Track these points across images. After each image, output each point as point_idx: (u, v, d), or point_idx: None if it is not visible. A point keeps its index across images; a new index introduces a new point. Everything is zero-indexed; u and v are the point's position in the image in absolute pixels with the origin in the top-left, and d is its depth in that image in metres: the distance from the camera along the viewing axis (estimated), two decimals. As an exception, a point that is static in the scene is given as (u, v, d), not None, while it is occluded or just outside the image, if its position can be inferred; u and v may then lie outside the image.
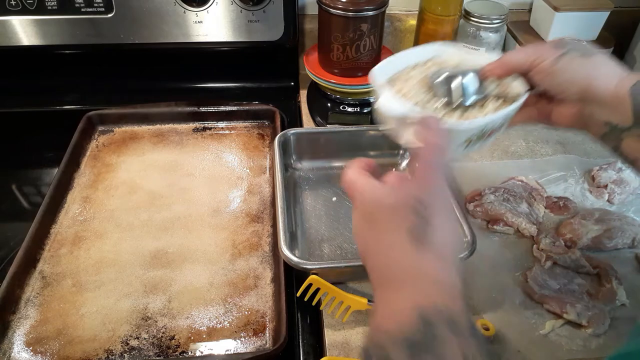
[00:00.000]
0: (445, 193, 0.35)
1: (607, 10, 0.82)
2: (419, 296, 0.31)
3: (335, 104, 0.83)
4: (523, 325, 0.54)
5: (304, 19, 0.90)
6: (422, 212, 0.33)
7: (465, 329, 0.30)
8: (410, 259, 0.32)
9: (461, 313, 0.31)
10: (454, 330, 0.29)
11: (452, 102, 0.46)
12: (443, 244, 0.33)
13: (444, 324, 0.29)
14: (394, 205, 0.34)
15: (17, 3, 0.74)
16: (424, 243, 0.32)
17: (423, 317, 0.30)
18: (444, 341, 0.29)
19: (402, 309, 0.31)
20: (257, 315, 0.55)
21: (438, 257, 0.33)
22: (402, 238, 0.33)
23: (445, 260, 0.33)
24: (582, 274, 0.58)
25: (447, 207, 0.36)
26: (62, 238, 0.63)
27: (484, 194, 0.67)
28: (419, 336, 0.29)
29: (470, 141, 0.46)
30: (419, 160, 0.36)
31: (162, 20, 0.77)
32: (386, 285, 0.33)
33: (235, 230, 0.65)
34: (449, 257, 0.34)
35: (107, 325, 0.54)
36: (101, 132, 0.81)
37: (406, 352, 0.29)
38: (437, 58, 0.53)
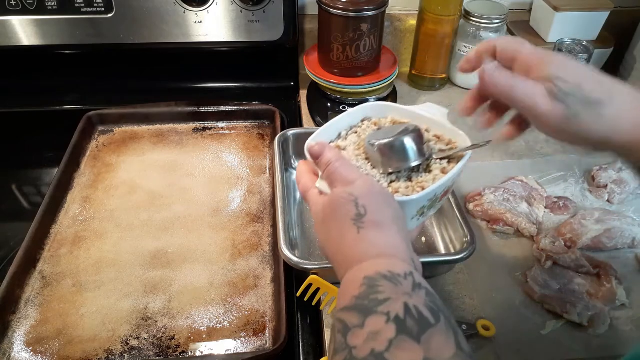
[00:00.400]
0: (363, 179, 0.41)
1: (607, 10, 0.82)
2: (366, 269, 0.35)
3: (335, 104, 0.83)
4: (523, 325, 0.54)
5: (304, 19, 0.90)
6: (358, 202, 0.38)
7: (408, 285, 0.33)
8: (356, 238, 0.37)
9: (403, 274, 0.33)
10: (395, 283, 0.33)
11: (392, 171, 0.45)
12: (382, 219, 0.38)
13: (385, 280, 0.33)
14: (337, 205, 0.39)
15: (17, 3, 0.74)
16: (365, 223, 0.37)
17: (367, 278, 0.33)
18: (384, 292, 0.32)
19: (353, 281, 0.34)
20: (257, 315, 0.55)
21: (379, 229, 0.38)
22: (348, 225, 0.38)
23: (387, 229, 0.38)
24: (582, 274, 0.58)
25: (373, 191, 0.40)
26: (62, 238, 0.63)
27: (484, 194, 0.67)
28: (363, 293, 0.32)
29: (423, 211, 0.45)
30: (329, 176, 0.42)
31: (162, 20, 0.77)
32: (342, 267, 0.37)
33: (235, 230, 0.65)
34: (389, 225, 0.38)
35: (107, 325, 0.54)
36: (101, 132, 0.81)
37: (356, 312, 0.32)
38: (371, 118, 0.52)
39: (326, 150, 0.43)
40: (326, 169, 0.42)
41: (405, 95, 0.90)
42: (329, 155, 0.43)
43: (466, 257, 0.54)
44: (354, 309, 0.32)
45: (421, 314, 0.30)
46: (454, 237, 0.59)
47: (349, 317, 0.32)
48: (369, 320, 0.30)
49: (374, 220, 0.38)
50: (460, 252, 0.54)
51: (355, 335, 0.30)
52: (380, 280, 0.33)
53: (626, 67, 0.92)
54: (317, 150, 0.44)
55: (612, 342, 0.52)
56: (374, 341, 0.29)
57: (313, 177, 0.45)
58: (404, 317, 0.30)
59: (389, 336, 0.29)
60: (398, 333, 0.29)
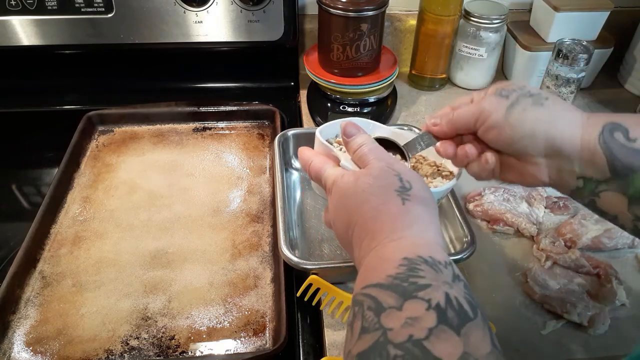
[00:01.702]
0: (404, 165, 0.41)
1: (607, 10, 0.82)
2: (405, 248, 0.34)
3: (335, 104, 0.83)
4: (523, 325, 0.54)
5: (304, 19, 0.90)
6: (402, 177, 0.38)
7: (448, 274, 0.32)
8: (401, 209, 0.36)
9: (444, 262, 0.33)
10: (436, 270, 0.32)
11: None
12: (426, 197, 0.38)
13: (427, 265, 0.32)
14: (379, 175, 0.38)
15: (17, 3, 0.74)
16: (410, 196, 0.37)
17: (407, 260, 0.32)
18: (425, 277, 0.31)
19: (388, 259, 0.33)
20: (257, 315, 0.55)
21: (424, 205, 0.37)
22: (392, 195, 0.37)
23: (430, 207, 0.38)
24: (582, 274, 0.58)
25: (413, 172, 0.40)
26: (62, 238, 0.63)
27: (484, 194, 0.67)
28: (402, 274, 0.31)
29: None
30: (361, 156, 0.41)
31: (162, 20, 0.77)
32: (374, 238, 0.36)
33: (235, 230, 0.65)
34: (432, 206, 0.38)
35: (107, 325, 0.54)
36: (101, 132, 0.81)
37: (393, 292, 0.30)
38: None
39: (360, 132, 0.43)
40: (358, 150, 0.41)
41: (405, 95, 0.90)
42: (363, 137, 0.43)
43: (466, 257, 0.54)
44: (390, 289, 0.31)
45: (461, 306, 0.29)
46: (454, 237, 0.59)
47: (383, 296, 0.31)
48: (408, 304, 0.29)
49: (420, 196, 0.37)
50: (461, 252, 0.54)
51: (390, 317, 0.29)
52: (422, 264, 0.32)
53: (626, 67, 0.92)
54: (351, 130, 0.43)
55: (612, 342, 0.52)
56: (413, 327, 0.28)
57: (326, 158, 0.45)
58: (445, 306, 0.29)
59: (429, 324, 0.28)
60: (438, 322, 0.28)
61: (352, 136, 0.43)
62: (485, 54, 0.86)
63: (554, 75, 0.76)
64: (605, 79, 0.93)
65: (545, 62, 0.79)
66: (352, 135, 0.43)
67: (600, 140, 0.38)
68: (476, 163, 0.44)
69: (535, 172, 0.42)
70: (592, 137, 0.38)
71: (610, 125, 0.38)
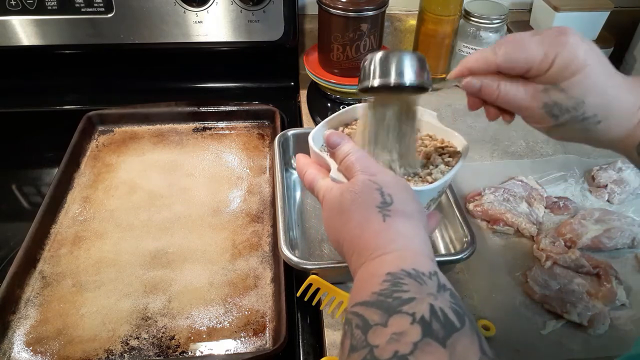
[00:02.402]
0: (385, 171, 0.40)
1: (607, 10, 0.82)
2: (389, 263, 0.34)
3: (335, 104, 0.83)
4: (523, 325, 0.54)
5: (304, 19, 0.90)
6: (384, 191, 0.37)
7: (433, 285, 0.32)
8: (381, 226, 0.36)
9: (428, 273, 0.33)
10: (420, 282, 0.32)
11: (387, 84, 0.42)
12: (408, 210, 0.38)
13: (410, 278, 0.32)
14: (361, 190, 0.38)
15: (17, 3, 0.74)
16: (391, 211, 0.37)
17: (390, 274, 0.32)
18: (409, 291, 0.31)
19: (373, 275, 0.33)
20: (257, 315, 0.55)
21: (406, 219, 0.37)
22: (373, 212, 0.37)
23: (412, 219, 0.37)
24: (582, 274, 0.58)
25: (399, 183, 0.39)
26: (62, 238, 0.63)
27: (484, 194, 0.67)
28: (386, 290, 0.31)
29: (430, 205, 0.47)
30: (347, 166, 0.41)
31: (162, 20, 0.77)
32: (360, 256, 0.36)
33: (235, 230, 0.65)
34: (415, 217, 0.38)
35: (107, 325, 0.54)
36: (101, 132, 0.81)
37: (378, 309, 0.30)
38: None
39: (345, 141, 0.42)
40: (344, 159, 0.41)
41: (405, 95, 0.90)
42: (348, 146, 0.42)
43: (466, 257, 0.54)
44: (375, 306, 0.31)
45: (447, 317, 0.29)
46: (454, 237, 0.59)
47: (369, 314, 0.31)
48: (393, 320, 0.29)
49: (401, 210, 0.37)
50: (460, 252, 0.54)
51: (376, 333, 0.29)
52: (405, 277, 0.32)
53: (626, 67, 0.92)
54: (335, 139, 0.43)
55: (612, 342, 0.52)
56: (398, 342, 0.28)
57: (320, 168, 0.44)
58: (429, 319, 0.29)
59: (414, 339, 0.28)
60: (423, 336, 0.28)
61: (337, 146, 0.42)
62: (485, 54, 0.86)
63: (554, 75, 0.76)
64: (606, 79, 0.92)
65: (545, 62, 0.79)
66: (336, 145, 0.42)
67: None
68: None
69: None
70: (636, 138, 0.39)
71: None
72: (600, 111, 0.38)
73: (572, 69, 0.38)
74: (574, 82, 0.38)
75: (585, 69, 0.38)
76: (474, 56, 0.42)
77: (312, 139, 0.48)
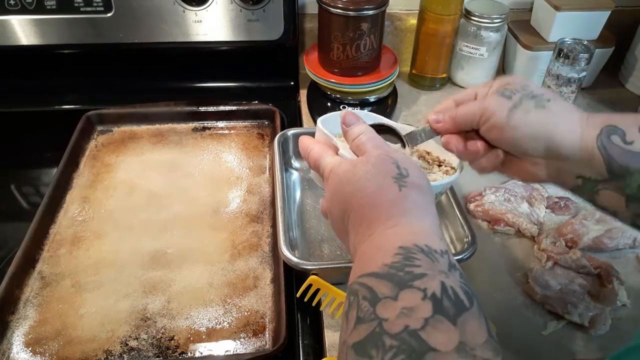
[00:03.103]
0: (398, 152, 0.41)
1: (608, 10, 0.82)
2: (402, 236, 0.34)
3: (335, 103, 0.83)
4: (524, 325, 0.54)
5: (304, 18, 0.90)
6: (400, 164, 0.38)
7: (444, 263, 0.32)
8: (398, 196, 0.36)
9: (440, 251, 0.33)
10: (432, 259, 0.32)
11: None
12: (423, 184, 0.38)
13: (422, 253, 0.32)
14: (375, 162, 0.38)
15: (16, 2, 0.73)
16: (407, 182, 0.37)
17: (403, 248, 0.32)
18: (421, 266, 0.31)
19: (384, 247, 0.33)
20: (256, 316, 0.55)
21: (421, 192, 0.37)
22: (389, 182, 0.37)
23: (426, 194, 0.38)
24: (583, 275, 0.58)
25: (410, 160, 0.40)
26: (61, 238, 0.63)
27: (485, 194, 0.67)
28: (398, 263, 0.31)
29: None
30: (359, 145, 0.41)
31: (161, 20, 0.77)
32: (371, 224, 0.36)
33: (234, 230, 0.65)
34: (428, 193, 0.38)
35: (106, 326, 0.54)
36: (100, 132, 0.81)
37: (388, 282, 0.30)
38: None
39: (360, 122, 0.43)
40: (356, 138, 0.42)
41: (406, 94, 0.90)
42: (362, 127, 0.43)
43: (467, 257, 0.53)
44: (386, 278, 0.31)
45: (457, 296, 0.29)
46: (455, 238, 0.59)
47: (378, 286, 0.30)
48: (404, 294, 0.29)
49: (417, 183, 0.37)
50: (461, 252, 0.54)
51: (386, 306, 0.29)
52: (418, 253, 0.32)
53: (627, 67, 0.92)
54: (350, 119, 0.44)
55: (613, 342, 0.52)
56: (408, 317, 0.28)
57: (326, 147, 0.45)
58: (440, 296, 0.29)
59: (425, 314, 0.28)
60: (434, 312, 0.28)
61: (351, 125, 0.43)
62: (486, 54, 0.85)
63: (555, 75, 0.76)
64: (606, 79, 0.92)
65: (546, 62, 0.79)
66: (351, 125, 0.43)
67: (598, 143, 0.39)
68: (485, 158, 0.44)
69: (535, 171, 0.43)
70: (590, 140, 0.39)
71: (608, 128, 0.39)
72: (545, 93, 0.41)
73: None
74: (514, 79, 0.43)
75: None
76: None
77: (322, 123, 0.49)
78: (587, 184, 0.41)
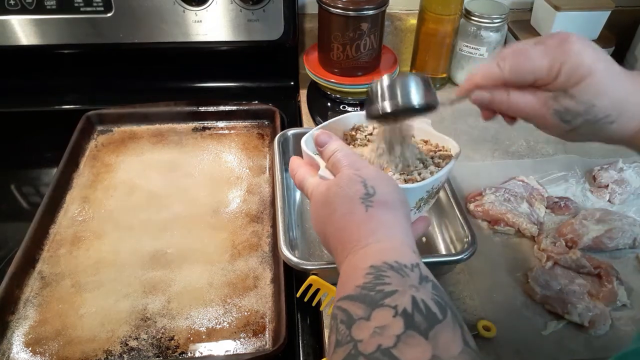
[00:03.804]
0: (370, 166, 0.41)
1: (608, 10, 0.82)
2: (372, 256, 0.34)
3: (335, 103, 0.83)
4: (524, 325, 0.53)
5: (304, 18, 0.90)
6: (367, 183, 0.38)
7: (415, 277, 0.32)
8: (364, 217, 0.37)
9: (410, 265, 0.33)
10: (402, 274, 0.32)
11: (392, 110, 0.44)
12: (390, 200, 0.38)
13: (392, 270, 0.32)
14: (345, 184, 0.39)
15: (16, 2, 0.73)
16: (373, 202, 0.37)
17: (373, 267, 0.33)
18: (391, 283, 0.31)
19: (356, 269, 0.33)
20: (256, 316, 0.55)
21: (387, 209, 0.37)
22: (357, 203, 0.37)
23: (394, 209, 0.38)
24: (583, 275, 0.58)
25: (381, 176, 0.40)
26: (61, 238, 0.63)
27: (485, 194, 0.67)
28: (369, 283, 0.31)
29: (420, 205, 0.48)
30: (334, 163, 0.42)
31: (161, 20, 0.77)
32: (344, 248, 0.36)
33: (234, 230, 0.65)
34: (398, 208, 0.38)
35: (106, 326, 0.54)
36: (100, 132, 0.81)
37: (361, 303, 0.31)
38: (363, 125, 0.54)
39: (332, 140, 0.44)
40: (331, 157, 0.42)
41: (406, 94, 0.90)
42: (335, 144, 0.43)
43: (467, 257, 0.53)
44: (359, 300, 0.31)
45: (429, 309, 0.30)
46: (455, 238, 0.59)
47: (353, 308, 0.31)
48: (376, 313, 0.30)
49: (383, 201, 0.37)
50: (461, 252, 0.54)
51: (360, 328, 0.29)
52: (387, 270, 0.32)
53: (627, 67, 0.91)
54: (323, 138, 0.44)
55: (613, 342, 0.52)
56: (381, 336, 0.28)
57: (310, 168, 0.45)
58: (411, 311, 0.29)
59: (397, 331, 0.28)
60: (406, 328, 0.28)
61: (325, 144, 0.44)
62: (486, 54, 0.85)
63: (554, 75, 0.76)
64: (606, 79, 0.92)
65: (546, 62, 0.79)
66: (325, 144, 0.44)
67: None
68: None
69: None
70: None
71: None
72: (612, 111, 0.38)
73: (579, 76, 0.37)
74: (583, 88, 0.38)
75: (592, 73, 0.37)
76: (479, 73, 0.42)
77: (305, 143, 0.49)
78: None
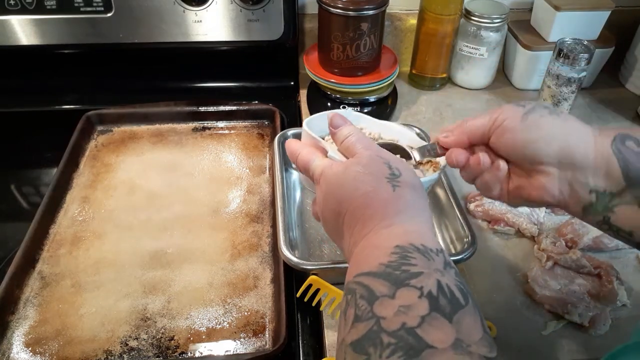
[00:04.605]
0: (388, 152, 0.41)
1: (608, 10, 0.82)
2: (397, 235, 0.34)
3: (335, 103, 0.82)
4: (524, 326, 0.54)
5: (304, 18, 0.90)
6: (391, 165, 0.38)
7: (440, 262, 0.32)
8: (392, 196, 0.36)
9: (435, 249, 0.33)
10: (428, 258, 0.32)
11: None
12: (414, 183, 0.38)
13: (418, 252, 0.32)
14: (367, 163, 0.38)
15: (16, 2, 0.73)
16: (400, 182, 0.37)
17: (399, 247, 0.33)
18: (417, 265, 0.31)
19: (380, 247, 0.33)
20: (256, 316, 0.55)
21: (414, 191, 0.38)
22: (383, 182, 0.37)
23: (421, 193, 0.38)
24: (583, 275, 0.58)
25: (400, 160, 0.40)
26: (61, 238, 0.63)
27: (485, 194, 0.67)
28: (394, 262, 0.31)
29: None
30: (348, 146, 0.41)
31: (161, 20, 0.77)
32: (366, 224, 0.36)
33: (234, 230, 0.65)
34: (421, 191, 0.39)
35: (106, 326, 0.54)
36: (100, 132, 0.81)
37: (385, 281, 0.31)
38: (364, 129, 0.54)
39: (347, 124, 0.43)
40: (345, 139, 0.42)
41: (406, 94, 0.90)
42: (350, 128, 0.43)
43: (467, 257, 0.53)
44: (383, 277, 0.31)
45: (453, 294, 0.30)
46: (455, 238, 0.59)
47: (375, 284, 0.31)
48: (400, 292, 0.30)
49: (410, 183, 0.37)
50: (461, 252, 0.54)
51: (383, 305, 0.29)
52: (413, 252, 0.32)
53: (627, 67, 0.92)
54: (338, 121, 0.43)
55: (613, 342, 0.52)
56: (406, 315, 0.28)
57: (314, 149, 0.45)
58: (436, 294, 0.29)
59: (422, 312, 0.28)
60: (431, 310, 0.29)
61: (338, 127, 0.43)
62: (486, 54, 0.85)
63: (555, 75, 0.76)
64: (607, 79, 0.92)
65: (546, 62, 0.79)
66: (338, 126, 0.43)
67: (613, 148, 0.38)
68: (487, 173, 0.44)
69: (545, 184, 0.41)
70: (605, 146, 0.39)
71: (621, 135, 0.39)
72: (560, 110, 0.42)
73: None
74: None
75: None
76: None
77: (308, 125, 0.48)
78: (601, 199, 0.39)
